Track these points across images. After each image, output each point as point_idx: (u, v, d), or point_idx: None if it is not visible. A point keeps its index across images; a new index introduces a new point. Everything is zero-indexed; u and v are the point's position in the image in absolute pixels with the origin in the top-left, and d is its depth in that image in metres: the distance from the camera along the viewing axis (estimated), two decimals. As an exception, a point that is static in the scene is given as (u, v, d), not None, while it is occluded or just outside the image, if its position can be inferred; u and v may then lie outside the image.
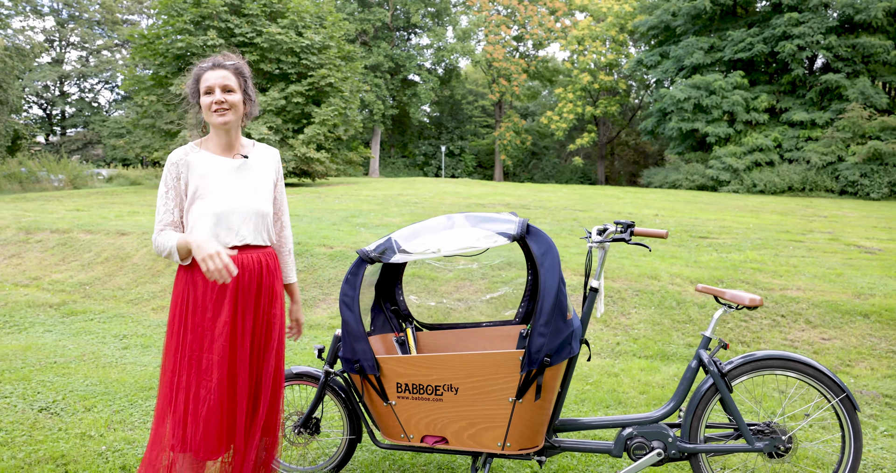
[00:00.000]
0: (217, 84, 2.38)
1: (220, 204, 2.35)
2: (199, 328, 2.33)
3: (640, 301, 6.20)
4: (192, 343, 2.33)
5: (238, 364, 2.37)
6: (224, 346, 2.32)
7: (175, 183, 2.35)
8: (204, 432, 2.30)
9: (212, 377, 2.31)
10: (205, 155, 2.41)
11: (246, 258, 2.40)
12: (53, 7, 47.40)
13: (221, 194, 2.36)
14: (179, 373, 2.33)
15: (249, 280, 2.39)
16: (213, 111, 2.39)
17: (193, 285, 2.35)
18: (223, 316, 2.32)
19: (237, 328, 2.36)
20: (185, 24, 19.60)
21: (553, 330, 2.41)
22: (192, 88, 2.44)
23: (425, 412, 2.56)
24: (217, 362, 2.31)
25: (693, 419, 2.69)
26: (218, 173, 2.39)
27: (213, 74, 2.40)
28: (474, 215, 2.62)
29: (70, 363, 4.95)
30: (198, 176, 2.36)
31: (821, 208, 15.49)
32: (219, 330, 2.32)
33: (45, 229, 10.33)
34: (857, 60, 23.93)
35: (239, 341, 2.37)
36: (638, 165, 42.30)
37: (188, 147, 2.43)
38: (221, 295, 2.34)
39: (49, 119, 48.75)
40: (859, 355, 5.07)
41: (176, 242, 2.29)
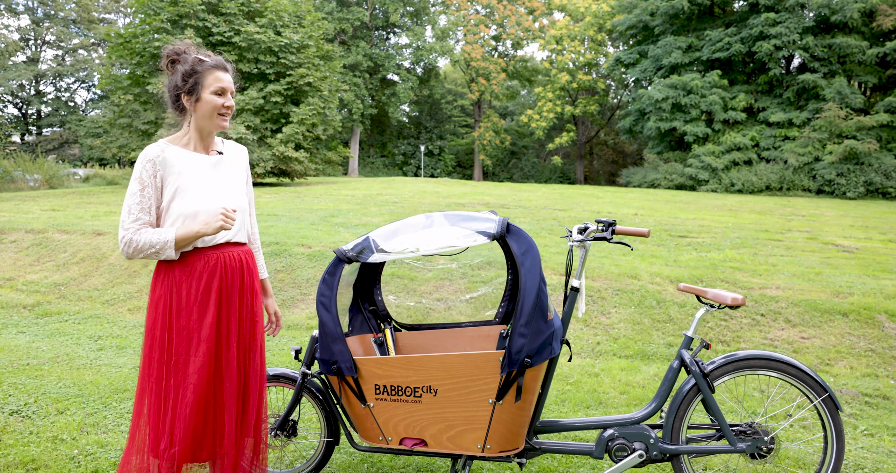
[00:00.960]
0: (230, 88, 2.32)
1: (201, 202, 2.28)
2: (184, 332, 2.27)
3: (620, 301, 6.20)
4: (178, 347, 2.27)
5: (225, 365, 2.33)
6: (210, 347, 2.27)
7: (152, 180, 2.24)
8: (192, 435, 2.26)
9: (197, 380, 2.26)
10: (181, 152, 2.31)
11: (227, 257, 2.35)
12: (28, 5, 46.60)
13: (202, 191, 2.30)
14: (166, 378, 2.27)
15: (232, 279, 2.35)
16: (219, 115, 2.32)
17: (177, 288, 2.28)
18: (208, 317, 2.28)
19: (223, 329, 2.32)
20: (162, 23, 19.34)
21: (534, 331, 2.38)
22: (189, 79, 2.28)
23: (404, 414, 2.52)
24: (203, 364, 2.26)
25: (675, 419, 2.68)
26: (196, 171, 2.31)
27: (225, 75, 2.32)
28: (454, 214, 2.58)
29: (43, 364, 4.84)
30: (177, 174, 2.27)
31: (799, 208, 15.68)
32: (205, 332, 2.27)
33: (19, 229, 10.13)
34: (834, 60, 24.25)
35: (224, 341, 2.33)
36: (617, 165, 42.58)
37: (162, 144, 2.32)
38: (206, 296, 2.29)
39: (24, 118, 47.91)
40: (838, 354, 5.11)
41: (175, 235, 2.21)
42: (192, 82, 2.28)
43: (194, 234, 2.22)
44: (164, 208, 2.27)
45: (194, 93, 2.29)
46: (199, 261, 2.30)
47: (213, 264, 2.31)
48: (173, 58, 2.32)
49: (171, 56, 2.32)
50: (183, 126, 2.39)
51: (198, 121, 2.33)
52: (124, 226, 2.22)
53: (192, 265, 2.29)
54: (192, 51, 2.33)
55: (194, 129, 2.36)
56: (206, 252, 2.32)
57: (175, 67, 2.32)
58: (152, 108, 20.60)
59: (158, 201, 2.27)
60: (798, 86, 24.52)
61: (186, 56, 2.31)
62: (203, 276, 2.29)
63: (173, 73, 2.32)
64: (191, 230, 2.22)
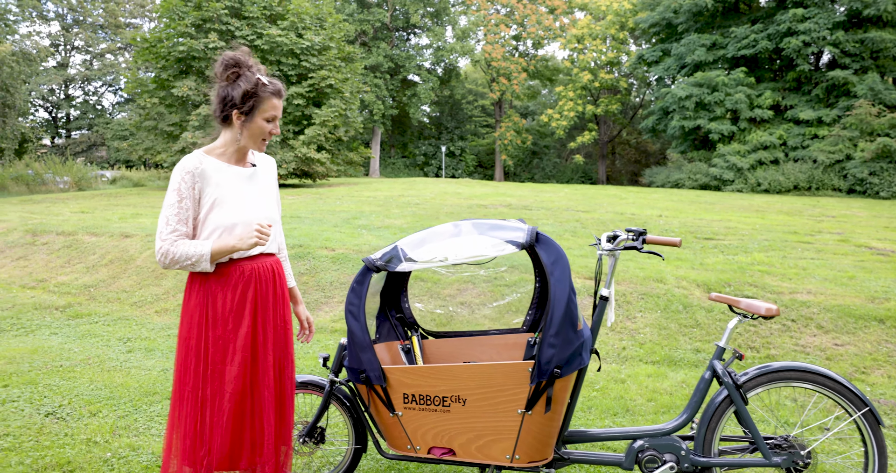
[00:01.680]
0: (279, 115, 2.35)
1: (239, 214, 2.30)
2: (220, 341, 2.30)
3: (645, 305, 6.13)
4: (214, 356, 2.30)
5: (262, 374, 2.36)
6: (245, 357, 2.31)
7: (190, 192, 2.25)
8: (229, 443, 2.29)
9: (234, 388, 2.29)
10: (217, 163, 2.32)
11: (261, 267, 2.38)
12: (58, 12, 47.55)
13: (239, 203, 2.32)
14: (203, 387, 2.30)
15: (266, 289, 2.38)
16: (263, 140, 2.36)
17: (212, 298, 2.31)
18: (244, 327, 2.31)
19: (258, 337, 2.35)
20: (187, 27, 19.58)
21: (563, 341, 2.35)
22: (249, 99, 2.27)
23: (432, 424, 2.51)
24: (239, 373, 2.29)
25: (707, 431, 2.63)
26: (233, 183, 2.33)
27: (279, 102, 2.34)
28: (482, 223, 2.56)
29: (76, 366, 4.95)
30: (214, 185, 2.28)
31: (828, 208, 15.37)
32: (240, 341, 2.30)
33: (50, 231, 10.35)
34: (866, 56, 23.56)
35: (261, 349, 2.36)
36: (639, 164, 42.17)
37: (200, 155, 2.32)
38: (241, 306, 2.32)
39: (54, 122, 48.94)
40: (875, 362, 4.98)
41: (211, 248, 2.23)
42: (251, 105, 2.28)
43: (230, 248, 2.24)
44: (200, 219, 2.29)
45: (248, 114, 2.29)
46: (234, 272, 2.33)
47: (247, 275, 2.34)
48: (237, 71, 2.29)
49: (233, 67, 2.29)
50: (221, 137, 2.38)
51: (242, 138, 2.34)
52: (161, 236, 2.23)
53: (228, 276, 2.32)
54: (255, 69, 2.31)
55: (234, 143, 2.36)
56: (241, 263, 2.34)
57: (236, 81, 2.29)
58: (177, 110, 20.88)
59: (196, 212, 2.28)
60: (828, 83, 23.94)
61: (250, 75, 2.28)
62: (238, 286, 2.32)
63: (231, 85, 2.29)
64: (226, 245, 2.24)
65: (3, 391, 4.37)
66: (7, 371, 4.77)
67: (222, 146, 2.37)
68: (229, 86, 2.29)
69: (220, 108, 2.31)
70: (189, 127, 19.30)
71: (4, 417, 3.87)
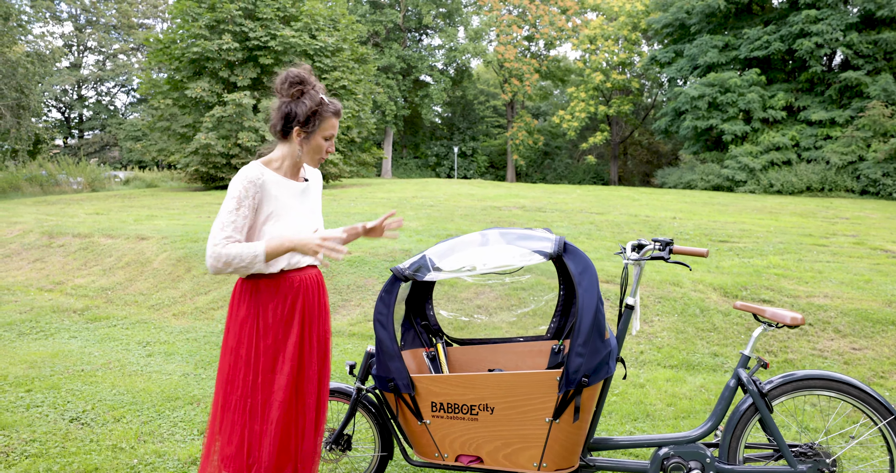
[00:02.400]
0: (336, 133, 2.43)
1: (293, 226, 2.37)
2: (270, 351, 2.36)
3: (662, 309, 6.13)
4: (265, 365, 2.36)
5: (306, 382, 2.43)
6: (293, 366, 2.38)
7: (250, 201, 2.30)
8: (278, 451, 2.35)
9: (283, 397, 2.36)
10: (276, 177, 2.38)
11: (308, 278, 2.45)
12: (71, 13, 47.92)
13: (294, 216, 2.39)
14: (252, 395, 2.35)
15: (312, 299, 2.45)
16: (320, 158, 2.44)
17: (262, 308, 2.36)
18: (293, 336, 2.38)
19: (305, 347, 2.42)
20: (201, 29, 19.70)
21: (591, 350, 2.37)
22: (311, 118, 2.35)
23: (460, 432, 2.53)
24: (288, 381, 2.36)
25: (732, 439, 2.64)
26: (288, 196, 2.40)
27: (337, 122, 2.42)
28: (509, 232, 2.58)
29: (97, 371, 4.99)
30: (273, 197, 2.34)
31: (842, 209, 15.28)
32: (289, 351, 2.37)
33: (66, 233, 10.44)
34: (879, 57, 23.45)
35: (307, 358, 2.43)
36: (651, 165, 42.02)
37: (260, 167, 2.37)
38: (290, 316, 2.39)
39: (67, 122, 49.31)
40: (893, 366, 4.97)
41: (266, 247, 2.27)
42: (313, 123, 2.35)
43: (287, 246, 2.29)
44: (255, 229, 2.34)
45: (310, 132, 2.37)
46: (284, 283, 2.39)
47: (296, 286, 2.41)
48: (301, 88, 2.35)
49: (298, 85, 2.35)
50: (278, 150, 2.44)
51: (299, 154, 2.40)
52: (214, 241, 2.26)
53: (277, 287, 2.38)
54: (318, 88, 2.38)
55: (291, 158, 2.42)
56: (290, 275, 2.41)
57: (300, 99, 2.34)
58: (190, 111, 21.03)
59: (252, 221, 2.34)
60: (840, 84, 23.84)
61: (314, 94, 2.35)
62: (288, 297, 2.39)
63: (295, 101, 2.35)
64: (283, 243, 2.28)
65: (26, 395, 4.41)
66: (29, 376, 4.82)
67: (279, 159, 2.42)
68: (293, 103, 2.35)
69: (282, 123, 2.37)
70: (202, 128, 19.42)
71: (30, 422, 3.91)
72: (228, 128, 19.37)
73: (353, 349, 5.58)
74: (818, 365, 5.08)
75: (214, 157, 19.46)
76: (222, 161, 19.65)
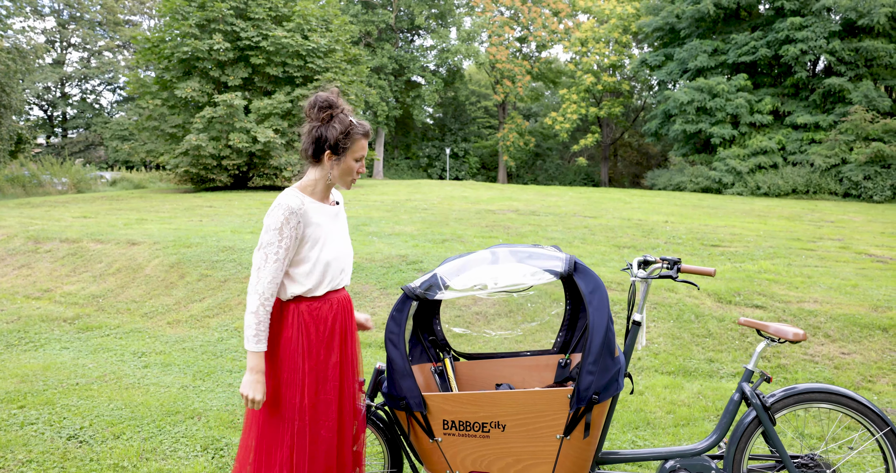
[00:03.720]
0: (365, 154, 2.47)
1: (331, 251, 2.43)
2: (313, 372, 2.41)
3: (658, 315, 6.20)
4: (309, 387, 2.40)
5: (346, 402, 2.49)
6: (336, 386, 2.43)
7: (293, 232, 2.34)
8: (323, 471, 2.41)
9: (330, 417, 2.42)
10: (313, 203, 2.43)
11: (343, 299, 2.53)
12: (54, 8, 47.31)
13: (333, 240, 2.45)
14: (299, 418, 2.38)
15: (347, 320, 2.52)
16: (352, 180, 2.47)
17: (306, 329, 2.41)
18: (333, 357, 2.45)
19: (345, 367, 2.48)
20: (191, 27, 19.55)
21: (602, 368, 2.42)
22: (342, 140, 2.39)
23: (472, 449, 2.56)
24: (332, 402, 2.42)
25: (736, 451, 2.70)
26: (325, 221, 2.44)
27: (366, 143, 2.46)
28: (519, 250, 2.61)
29: (92, 384, 4.88)
30: (314, 224, 2.39)
31: (827, 213, 15.51)
32: (331, 371, 2.43)
33: (53, 238, 10.27)
34: (860, 64, 24.03)
35: (346, 379, 2.49)
36: (641, 167, 42.29)
37: (299, 195, 2.40)
38: (331, 337, 2.45)
39: (50, 121, 48.64)
40: (880, 370, 5.07)
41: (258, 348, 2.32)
42: (344, 145, 2.39)
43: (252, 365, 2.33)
44: (301, 256, 2.39)
45: (341, 154, 2.41)
46: (324, 304, 2.45)
47: (336, 307, 2.47)
48: (330, 112, 2.39)
49: (327, 109, 2.40)
50: (310, 174, 2.48)
51: (331, 177, 2.44)
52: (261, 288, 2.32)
53: (320, 308, 2.44)
54: (347, 111, 2.43)
55: (323, 181, 2.46)
56: (330, 296, 2.46)
57: (330, 122, 2.39)
58: (180, 112, 20.86)
59: (295, 249, 2.38)
60: (824, 89, 24.32)
61: (344, 117, 2.40)
62: (328, 318, 2.45)
63: (324, 125, 2.39)
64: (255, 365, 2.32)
65: (20, 412, 4.26)
66: (21, 391, 4.66)
67: (313, 184, 2.47)
68: (323, 126, 2.39)
69: (313, 147, 2.41)
70: (193, 129, 19.29)
71: (26, 441, 3.78)
72: (219, 129, 19.24)
73: (351, 357, 5.57)
74: (810, 370, 5.16)
75: (205, 158, 19.33)
76: (213, 163, 19.53)
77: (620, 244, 9.41)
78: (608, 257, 8.40)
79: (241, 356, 5.71)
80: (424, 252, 8.21)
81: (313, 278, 2.39)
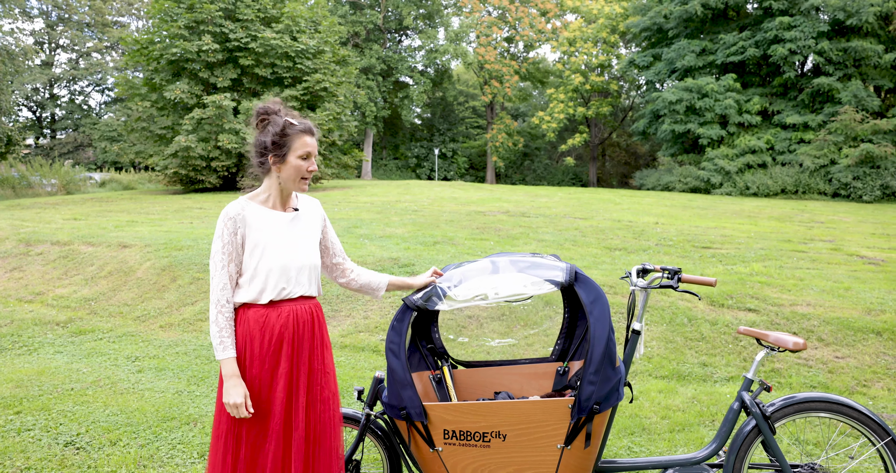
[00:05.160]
0: (314, 151, 2.42)
1: (279, 257, 2.38)
2: (256, 380, 2.36)
3: (651, 318, 6.21)
4: (254, 393, 2.36)
5: (294, 414, 2.39)
6: (282, 397, 2.36)
7: (232, 238, 2.35)
8: None
9: (274, 429, 2.35)
10: (259, 209, 2.42)
11: (300, 309, 2.44)
12: (42, 9, 46.95)
13: (280, 247, 2.39)
14: (240, 424, 2.36)
15: (303, 331, 2.43)
16: (303, 178, 2.43)
17: (250, 337, 2.37)
18: (281, 367, 2.37)
19: (293, 378, 2.40)
20: (179, 29, 19.46)
21: (603, 378, 2.42)
22: (279, 141, 2.38)
23: (472, 459, 2.55)
24: (277, 412, 2.35)
25: (736, 460, 2.70)
26: (274, 227, 2.41)
27: (311, 140, 2.42)
28: (519, 260, 2.61)
29: (87, 389, 4.88)
30: (255, 230, 2.37)
31: (816, 213, 15.61)
32: (277, 381, 2.36)
33: (44, 240, 10.22)
34: (849, 64, 24.12)
35: (295, 390, 2.40)
36: (629, 167, 42.42)
37: (242, 202, 2.42)
38: (278, 346, 2.37)
39: (39, 122, 48.28)
40: (874, 374, 5.10)
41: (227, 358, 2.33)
42: (282, 145, 2.36)
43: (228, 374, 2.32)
44: (245, 264, 2.37)
45: (282, 156, 2.37)
46: (272, 313, 2.38)
47: (285, 316, 2.39)
48: (264, 117, 2.40)
49: (261, 115, 2.41)
50: (264, 183, 2.47)
51: (281, 182, 2.42)
52: (215, 298, 2.35)
53: (267, 317, 2.38)
54: (282, 112, 2.41)
55: (275, 188, 2.44)
56: (281, 305, 2.40)
57: (265, 127, 2.39)
58: (169, 113, 20.75)
59: (239, 256, 2.37)
60: (813, 89, 24.41)
61: (277, 118, 2.39)
62: (276, 327, 2.37)
63: (262, 132, 2.40)
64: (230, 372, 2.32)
65: (16, 418, 4.27)
66: (17, 396, 4.67)
67: (265, 192, 2.47)
68: (261, 133, 2.41)
69: (256, 155, 2.42)
70: (182, 131, 19.19)
71: (23, 448, 3.78)
72: (208, 130, 19.16)
73: (346, 362, 5.57)
74: (804, 374, 5.19)
75: (194, 159, 19.25)
76: (202, 164, 19.44)
77: (612, 246, 9.43)
78: (600, 259, 8.42)
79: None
80: (416, 255, 8.20)
81: (255, 285, 2.36)
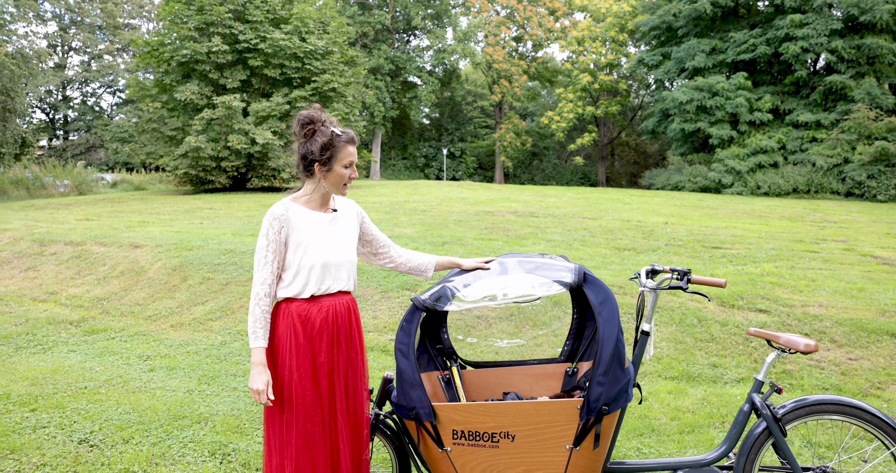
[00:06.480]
0: (356, 160, 2.57)
1: (320, 255, 2.53)
2: (301, 369, 2.50)
3: (660, 318, 6.19)
4: (297, 382, 2.50)
5: (337, 402, 2.55)
6: (325, 384, 2.52)
7: (276, 236, 2.50)
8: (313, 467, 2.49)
9: (318, 413, 2.51)
10: (302, 210, 2.57)
11: (338, 303, 2.59)
12: (55, 12, 47.40)
13: (320, 245, 2.54)
14: (288, 410, 2.50)
15: (342, 323, 2.59)
16: (344, 185, 2.59)
17: (294, 328, 2.52)
18: (322, 356, 2.53)
19: (334, 368, 2.55)
20: (189, 31, 19.58)
21: (612, 379, 2.41)
22: (326, 151, 2.51)
23: (481, 459, 2.56)
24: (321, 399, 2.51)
25: (746, 462, 2.69)
26: (315, 227, 2.56)
27: (354, 149, 2.57)
28: (527, 261, 2.61)
29: (100, 387, 4.94)
30: (298, 229, 2.52)
31: (829, 213, 15.48)
32: (318, 370, 2.52)
33: (58, 240, 10.33)
34: (863, 62, 23.81)
35: (335, 380, 2.56)
36: (638, 166, 42.28)
37: (286, 203, 2.56)
38: (320, 337, 2.53)
39: (52, 123, 48.77)
40: (889, 377, 5.05)
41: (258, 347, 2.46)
42: (329, 155, 2.50)
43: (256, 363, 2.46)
44: (288, 261, 2.53)
45: (328, 164, 2.52)
46: (313, 307, 2.55)
47: (326, 311, 2.55)
48: (312, 127, 2.53)
49: (308, 125, 2.53)
50: (306, 186, 2.62)
51: (325, 186, 2.57)
52: (256, 290, 2.50)
53: (308, 310, 2.54)
54: (328, 123, 2.55)
55: (318, 191, 2.59)
56: (321, 299, 2.55)
57: (313, 137, 2.52)
58: (179, 114, 20.89)
59: (282, 253, 2.53)
60: (825, 87, 24.14)
61: (325, 128, 2.52)
62: (316, 320, 2.53)
63: (308, 140, 2.54)
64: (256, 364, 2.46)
65: (32, 415, 4.35)
66: (32, 394, 4.75)
67: (307, 194, 2.62)
68: (308, 142, 2.54)
69: (302, 163, 2.56)
70: (192, 131, 19.30)
71: (39, 445, 3.86)
72: (218, 131, 19.27)
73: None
74: (816, 376, 5.15)
75: (204, 160, 19.37)
76: (212, 164, 19.56)
77: (621, 247, 9.40)
78: (609, 259, 8.39)
79: (244, 360, 5.73)
80: (426, 256, 8.20)
81: (299, 281, 2.52)
